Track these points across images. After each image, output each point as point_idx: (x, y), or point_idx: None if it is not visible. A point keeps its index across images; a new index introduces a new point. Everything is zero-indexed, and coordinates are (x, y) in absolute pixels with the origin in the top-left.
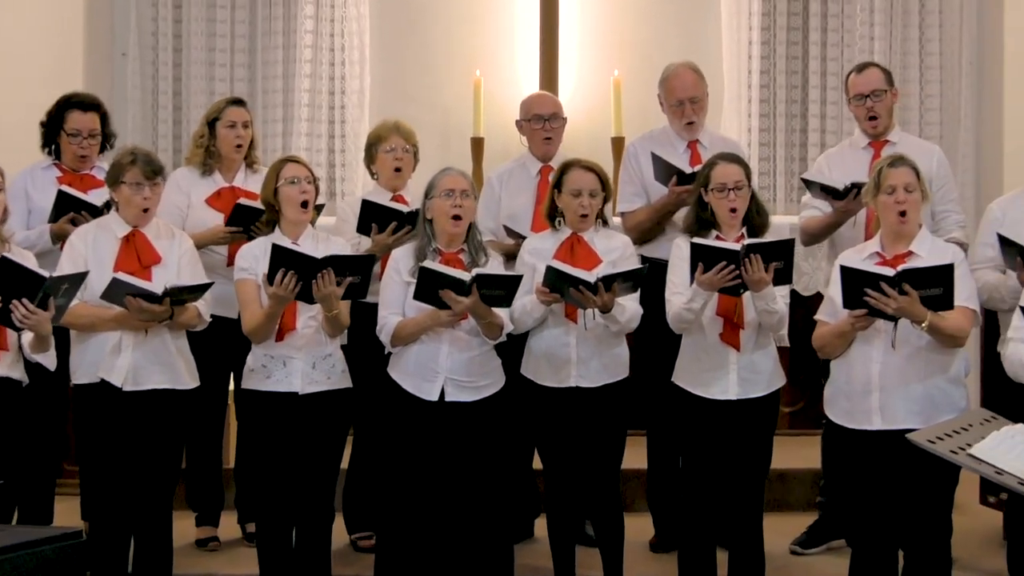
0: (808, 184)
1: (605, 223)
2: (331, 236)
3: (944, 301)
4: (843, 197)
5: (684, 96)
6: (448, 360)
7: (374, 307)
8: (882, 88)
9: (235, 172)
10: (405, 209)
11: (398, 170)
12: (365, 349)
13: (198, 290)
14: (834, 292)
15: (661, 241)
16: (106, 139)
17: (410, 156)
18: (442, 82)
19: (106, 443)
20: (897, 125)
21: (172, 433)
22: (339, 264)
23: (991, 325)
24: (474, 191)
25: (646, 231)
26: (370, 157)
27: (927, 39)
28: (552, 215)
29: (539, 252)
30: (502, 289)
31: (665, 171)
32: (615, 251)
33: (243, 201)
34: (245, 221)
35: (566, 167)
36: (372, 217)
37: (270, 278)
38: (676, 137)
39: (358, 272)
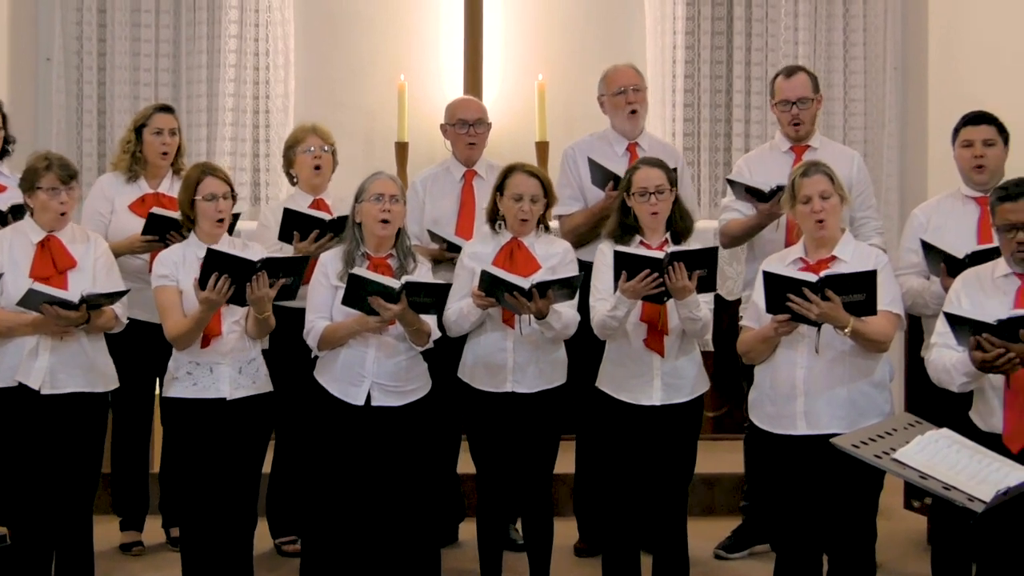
0: (732, 185)
1: (547, 229)
2: (248, 242)
3: (867, 306)
4: (768, 199)
5: (627, 84)
6: (375, 365)
7: (296, 311)
8: (809, 96)
9: (161, 179)
10: (327, 217)
11: (317, 168)
12: (287, 353)
13: (114, 296)
14: (757, 297)
15: (596, 245)
16: (6, 142)
17: (329, 156)
18: (366, 87)
19: (24, 447)
20: (818, 130)
21: (91, 436)
22: (273, 266)
23: (915, 330)
24: (403, 196)
25: (582, 235)
26: (288, 161)
27: (851, 43)
28: (494, 219)
29: (479, 256)
30: (431, 297)
31: (602, 176)
32: (555, 257)
33: (156, 210)
34: (160, 230)
35: (509, 171)
36: (294, 225)
37: (202, 283)
38: (616, 139)
39: (291, 273)
